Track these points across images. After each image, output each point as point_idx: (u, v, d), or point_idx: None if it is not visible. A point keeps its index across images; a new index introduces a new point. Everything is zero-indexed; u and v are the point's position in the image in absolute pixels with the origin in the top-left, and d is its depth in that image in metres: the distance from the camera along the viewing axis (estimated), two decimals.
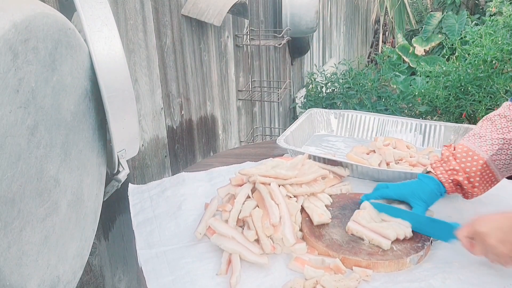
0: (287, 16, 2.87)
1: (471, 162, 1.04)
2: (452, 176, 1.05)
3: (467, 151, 1.05)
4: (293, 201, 1.08)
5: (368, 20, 6.82)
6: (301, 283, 0.88)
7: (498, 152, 1.02)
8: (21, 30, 0.71)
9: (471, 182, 1.04)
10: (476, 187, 1.04)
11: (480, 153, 1.04)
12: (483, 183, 1.05)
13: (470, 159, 1.04)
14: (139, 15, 1.49)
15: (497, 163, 1.03)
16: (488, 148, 1.03)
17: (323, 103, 3.43)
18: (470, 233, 0.89)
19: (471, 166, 1.03)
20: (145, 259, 1.00)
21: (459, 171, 1.04)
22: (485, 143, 1.04)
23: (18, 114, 0.71)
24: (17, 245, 0.71)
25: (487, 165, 1.03)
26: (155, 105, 1.64)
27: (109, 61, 0.98)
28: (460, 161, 1.05)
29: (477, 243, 0.88)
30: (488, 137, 1.05)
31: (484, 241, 0.86)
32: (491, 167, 1.03)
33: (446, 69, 3.34)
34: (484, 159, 1.03)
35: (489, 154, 1.03)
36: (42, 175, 0.79)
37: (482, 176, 1.04)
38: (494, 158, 1.03)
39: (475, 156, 1.04)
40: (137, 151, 1.15)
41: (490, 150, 1.03)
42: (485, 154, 1.03)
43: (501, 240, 0.84)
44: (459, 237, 0.91)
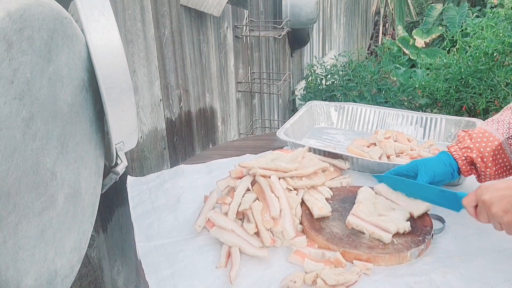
0: (287, 7, 2.84)
1: (486, 142, 1.05)
2: (466, 153, 1.06)
3: (483, 132, 1.07)
4: (293, 194, 1.07)
5: (368, 11, 6.78)
6: (301, 277, 0.88)
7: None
8: (15, 19, 0.69)
9: (484, 162, 1.05)
10: (489, 167, 1.05)
11: (496, 134, 1.05)
12: (496, 165, 1.05)
13: (486, 139, 1.05)
14: (137, 5, 1.47)
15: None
16: (504, 131, 1.05)
17: (323, 95, 3.42)
18: (475, 201, 0.89)
19: (485, 146, 1.05)
20: (144, 252, 0.99)
21: (473, 149, 1.05)
22: (502, 127, 1.06)
23: (13, 106, 0.70)
24: (12, 239, 0.70)
25: (501, 147, 1.04)
26: (154, 96, 1.63)
27: (107, 52, 0.97)
28: (475, 141, 1.06)
29: (481, 211, 0.88)
30: (506, 121, 1.06)
31: (488, 209, 0.86)
32: (506, 150, 1.04)
33: (446, 62, 3.32)
34: (499, 140, 1.04)
35: (504, 137, 1.04)
36: (38, 168, 0.77)
37: (495, 157, 1.05)
38: (510, 141, 1.04)
39: (491, 137, 1.05)
40: (135, 143, 1.14)
41: (506, 133, 1.05)
42: (500, 136, 1.05)
43: (505, 209, 0.84)
44: (465, 204, 0.91)
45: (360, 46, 6.35)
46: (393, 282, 0.87)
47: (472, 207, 0.90)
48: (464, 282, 0.86)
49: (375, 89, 3.41)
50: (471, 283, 0.86)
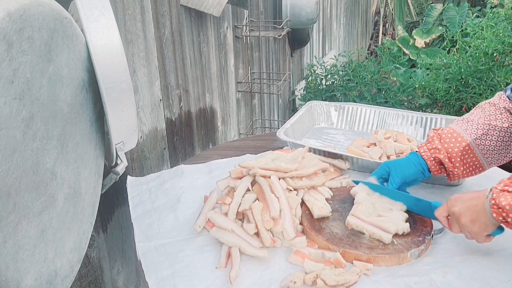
0: (287, 7, 2.84)
1: (454, 143, 1.07)
2: (434, 154, 1.08)
3: (452, 132, 1.09)
4: (293, 194, 1.07)
5: (368, 11, 6.78)
6: (301, 277, 0.87)
7: (482, 136, 1.05)
8: (15, 19, 0.69)
9: (452, 162, 1.07)
10: (457, 167, 1.07)
11: (464, 135, 1.07)
12: (464, 165, 1.07)
13: (454, 140, 1.07)
14: (137, 5, 1.47)
15: (481, 147, 1.06)
16: (472, 132, 1.06)
17: (323, 95, 3.42)
18: (446, 212, 0.93)
19: (453, 147, 1.07)
20: (143, 252, 0.99)
21: (441, 150, 1.07)
22: (471, 127, 1.07)
23: (13, 106, 0.69)
24: (12, 239, 0.70)
25: (469, 147, 1.06)
26: (154, 96, 1.63)
27: (107, 52, 0.97)
28: (444, 141, 1.08)
29: (452, 222, 0.92)
30: (475, 122, 1.08)
31: (457, 220, 0.90)
32: (474, 151, 1.06)
33: (446, 62, 3.32)
34: (467, 141, 1.06)
35: (472, 137, 1.06)
36: (38, 168, 0.77)
37: (463, 157, 1.06)
38: (478, 142, 1.05)
39: (459, 138, 1.07)
40: (135, 144, 1.14)
41: (474, 133, 1.06)
42: (468, 137, 1.06)
43: (472, 220, 0.87)
44: (437, 216, 0.96)
45: (360, 46, 6.35)
46: (393, 282, 0.87)
47: (444, 218, 0.94)
48: (464, 282, 0.86)
49: (375, 89, 3.41)
50: (471, 283, 0.86)
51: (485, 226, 0.87)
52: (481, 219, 0.87)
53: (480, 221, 0.87)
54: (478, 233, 0.88)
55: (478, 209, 0.87)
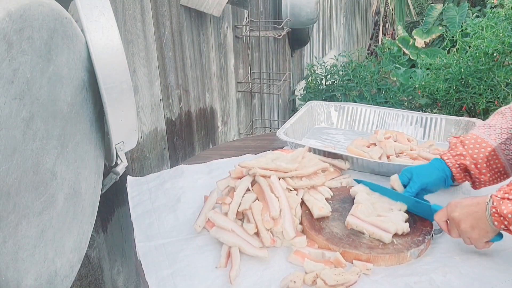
0: (287, 7, 2.84)
1: (479, 148, 1.05)
2: (459, 161, 1.06)
3: (476, 138, 1.07)
4: (293, 194, 1.07)
5: (368, 11, 6.77)
6: (301, 277, 0.87)
7: (506, 141, 1.04)
8: (15, 19, 0.69)
9: (478, 168, 1.05)
10: (483, 174, 1.05)
11: (489, 140, 1.05)
12: (490, 171, 1.05)
13: (478, 145, 1.05)
14: (137, 5, 1.47)
15: (506, 152, 1.04)
16: (496, 137, 1.05)
17: (323, 95, 3.42)
18: (446, 217, 0.93)
19: (478, 153, 1.05)
20: (143, 251, 0.99)
21: (466, 156, 1.05)
22: (494, 132, 1.06)
23: (13, 106, 0.69)
24: (12, 239, 0.70)
25: (495, 152, 1.04)
26: (154, 96, 1.63)
27: (107, 52, 0.97)
28: (468, 148, 1.06)
29: (452, 227, 0.92)
30: (498, 126, 1.06)
31: (457, 225, 0.90)
32: (499, 155, 1.04)
33: (446, 62, 3.32)
34: (492, 146, 1.04)
35: (497, 142, 1.04)
36: (38, 168, 0.77)
37: (489, 163, 1.05)
38: (503, 147, 1.04)
39: (483, 143, 1.05)
40: (135, 143, 1.14)
41: (498, 138, 1.04)
42: (493, 142, 1.04)
43: (472, 226, 0.88)
44: (436, 220, 0.96)
45: (360, 46, 6.34)
46: (393, 282, 0.87)
47: (443, 222, 0.94)
48: (464, 282, 0.86)
49: (375, 89, 3.41)
50: (471, 283, 0.86)
51: (485, 233, 0.87)
52: (481, 225, 0.86)
53: (480, 228, 0.87)
54: (478, 239, 0.89)
55: (479, 216, 0.86)
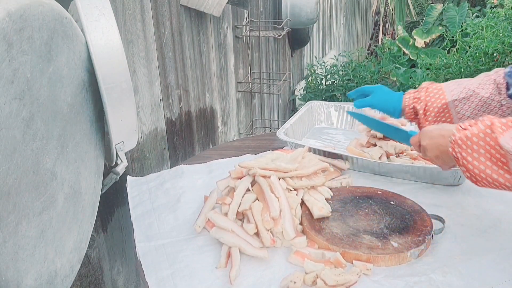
0: (287, 7, 2.84)
1: (436, 98, 1.11)
2: (414, 103, 1.14)
3: (440, 88, 1.12)
4: (293, 194, 1.07)
5: (368, 11, 6.78)
6: (301, 277, 0.87)
7: (462, 100, 1.08)
8: (15, 19, 0.69)
9: (426, 115, 1.12)
10: (429, 121, 1.12)
11: (447, 95, 1.10)
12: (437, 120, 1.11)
13: (437, 96, 1.11)
14: (137, 5, 1.47)
15: (458, 109, 1.08)
16: (455, 93, 1.09)
17: (323, 95, 3.42)
18: (418, 142, 1.01)
19: (434, 101, 1.11)
20: (143, 252, 0.99)
21: (422, 102, 1.12)
22: (457, 89, 1.10)
23: (13, 106, 0.69)
24: (13, 239, 0.70)
25: (447, 106, 1.09)
26: (154, 96, 1.63)
27: (107, 52, 0.97)
28: (428, 95, 1.13)
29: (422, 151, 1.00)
30: (463, 85, 1.10)
31: (424, 152, 0.98)
32: (451, 111, 1.09)
33: (446, 62, 3.32)
34: (447, 100, 1.09)
35: (453, 98, 1.09)
36: (38, 168, 0.77)
37: (438, 114, 1.10)
38: (456, 103, 1.08)
39: (442, 95, 1.10)
40: (135, 144, 1.14)
41: (455, 95, 1.09)
42: (449, 96, 1.09)
43: (436, 156, 0.95)
44: (412, 144, 1.03)
45: (360, 46, 6.34)
46: (393, 282, 0.87)
47: (417, 146, 1.02)
48: (464, 282, 0.86)
49: None
50: (471, 283, 0.86)
51: (448, 162, 0.94)
52: (444, 157, 0.93)
53: (443, 158, 0.94)
54: (442, 166, 0.97)
55: (443, 149, 0.92)
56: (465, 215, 1.07)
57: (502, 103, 1.05)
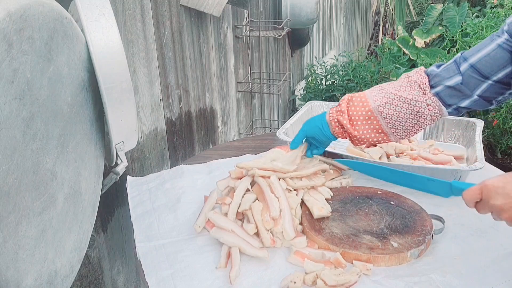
0: (287, 7, 2.84)
1: (359, 106, 1.10)
2: (338, 116, 1.12)
3: (362, 97, 1.10)
4: (293, 194, 1.07)
5: (368, 11, 6.78)
6: (301, 277, 0.87)
7: (386, 105, 1.07)
8: (15, 19, 0.69)
9: (353, 124, 1.10)
10: (357, 130, 1.10)
11: (370, 101, 1.08)
12: (366, 130, 1.10)
13: (361, 104, 1.10)
14: (138, 5, 1.47)
15: (384, 115, 1.07)
16: (377, 98, 1.08)
17: (323, 95, 3.42)
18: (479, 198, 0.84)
19: (358, 110, 1.10)
20: (143, 252, 0.99)
21: (344, 113, 1.11)
22: (379, 94, 1.09)
23: (13, 106, 0.69)
24: (13, 239, 0.70)
25: (372, 112, 1.08)
26: (154, 96, 1.63)
27: (107, 52, 0.97)
28: (351, 106, 1.11)
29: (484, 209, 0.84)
30: (385, 90, 1.09)
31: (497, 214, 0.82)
32: (377, 117, 1.08)
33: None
34: (370, 106, 1.08)
35: (376, 104, 1.08)
36: (38, 168, 0.77)
37: (365, 121, 1.09)
38: (381, 109, 1.07)
39: (365, 103, 1.09)
40: (135, 144, 1.14)
41: (378, 100, 1.08)
42: (372, 103, 1.08)
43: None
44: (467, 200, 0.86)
45: (360, 46, 6.35)
46: (393, 282, 0.87)
47: (473, 202, 0.85)
48: (464, 282, 0.86)
49: None
50: (471, 283, 0.86)
51: None
52: None
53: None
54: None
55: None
56: (465, 215, 1.07)
57: (428, 103, 1.04)
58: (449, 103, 1.04)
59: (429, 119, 1.07)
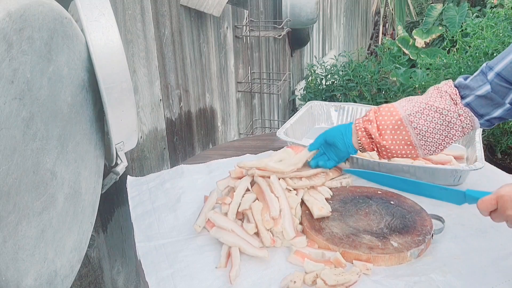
0: (287, 7, 2.84)
1: (388, 115, 1.08)
2: (365, 125, 1.10)
3: (390, 107, 1.09)
4: (293, 194, 1.07)
5: (368, 11, 6.78)
6: (301, 277, 0.87)
7: (417, 114, 1.05)
8: (15, 19, 0.69)
9: (382, 134, 1.08)
10: (385, 139, 1.08)
11: (400, 110, 1.07)
12: (394, 140, 1.07)
13: (389, 113, 1.08)
14: (137, 5, 1.47)
15: (414, 125, 1.05)
16: (408, 108, 1.07)
17: (323, 95, 3.41)
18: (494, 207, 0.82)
19: (386, 119, 1.08)
20: (143, 252, 0.99)
21: (373, 122, 1.09)
22: (409, 104, 1.08)
23: (13, 106, 0.69)
24: (13, 239, 0.70)
25: (402, 122, 1.06)
26: (154, 96, 1.63)
27: (107, 52, 0.97)
28: (379, 115, 1.09)
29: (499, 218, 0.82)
30: (414, 100, 1.08)
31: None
32: (407, 127, 1.06)
33: (446, 62, 3.32)
34: (400, 115, 1.06)
35: (406, 113, 1.06)
36: (38, 168, 0.77)
37: (394, 131, 1.07)
38: (412, 119, 1.05)
39: (394, 112, 1.08)
40: (135, 144, 1.14)
41: (409, 109, 1.06)
42: (402, 111, 1.06)
43: None
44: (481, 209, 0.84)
45: (360, 46, 6.35)
46: (393, 282, 0.87)
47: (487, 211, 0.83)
48: (464, 282, 0.86)
49: (375, 89, 3.41)
50: (471, 283, 0.86)
51: None
52: None
53: None
54: None
55: None
56: (465, 215, 1.07)
57: (460, 113, 1.03)
58: (481, 113, 1.02)
59: (460, 131, 1.04)
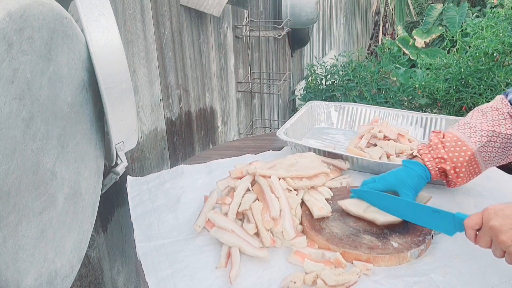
0: (287, 7, 2.84)
1: (459, 152, 1.04)
2: (440, 164, 1.05)
3: (456, 140, 1.05)
4: (293, 194, 1.07)
5: (368, 11, 6.78)
6: (301, 277, 0.87)
7: (486, 144, 1.03)
8: (15, 19, 0.69)
9: (457, 172, 1.05)
10: (461, 177, 1.06)
11: (469, 144, 1.03)
12: (467, 174, 1.06)
13: (459, 149, 1.04)
14: (137, 5, 1.47)
15: (483, 155, 1.03)
16: (477, 140, 1.03)
17: (323, 95, 3.42)
18: (479, 224, 0.81)
19: (458, 156, 1.03)
20: (143, 252, 0.99)
21: (447, 160, 1.04)
22: (475, 134, 1.04)
23: (13, 106, 0.69)
24: (13, 239, 0.70)
25: (474, 156, 1.03)
26: (154, 96, 1.63)
27: (107, 52, 0.97)
28: (448, 150, 1.04)
29: (484, 236, 0.80)
30: (478, 128, 1.04)
31: (495, 236, 0.78)
32: (477, 159, 1.04)
33: (446, 62, 3.32)
34: (473, 150, 1.03)
35: (477, 146, 1.03)
36: (38, 168, 0.77)
37: (468, 167, 1.04)
38: (481, 150, 1.03)
39: (464, 146, 1.04)
40: (135, 144, 1.14)
41: (479, 141, 1.03)
42: (473, 145, 1.03)
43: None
44: (467, 226, 0.82)
45: (360, 46, 6.35)
46: (393, 282, 0.87)
47: (473, 230, 0.82)
48: (464, 282, 0.86)
49: (375, 89, 3.41)
50: (471, 283, 0.86)
51: None
52: None
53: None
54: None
55: None
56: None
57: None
58: None
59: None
